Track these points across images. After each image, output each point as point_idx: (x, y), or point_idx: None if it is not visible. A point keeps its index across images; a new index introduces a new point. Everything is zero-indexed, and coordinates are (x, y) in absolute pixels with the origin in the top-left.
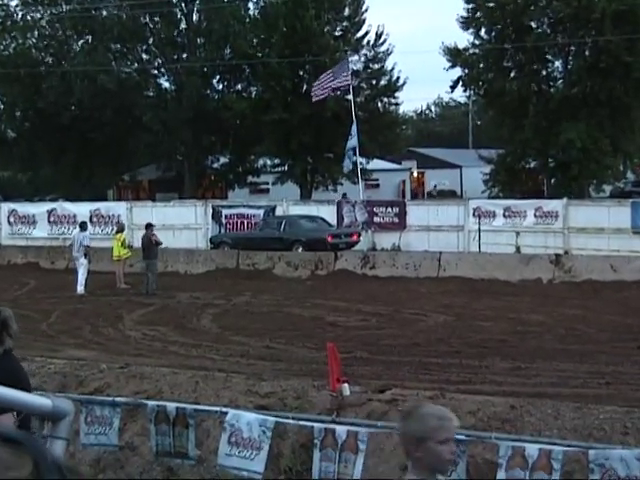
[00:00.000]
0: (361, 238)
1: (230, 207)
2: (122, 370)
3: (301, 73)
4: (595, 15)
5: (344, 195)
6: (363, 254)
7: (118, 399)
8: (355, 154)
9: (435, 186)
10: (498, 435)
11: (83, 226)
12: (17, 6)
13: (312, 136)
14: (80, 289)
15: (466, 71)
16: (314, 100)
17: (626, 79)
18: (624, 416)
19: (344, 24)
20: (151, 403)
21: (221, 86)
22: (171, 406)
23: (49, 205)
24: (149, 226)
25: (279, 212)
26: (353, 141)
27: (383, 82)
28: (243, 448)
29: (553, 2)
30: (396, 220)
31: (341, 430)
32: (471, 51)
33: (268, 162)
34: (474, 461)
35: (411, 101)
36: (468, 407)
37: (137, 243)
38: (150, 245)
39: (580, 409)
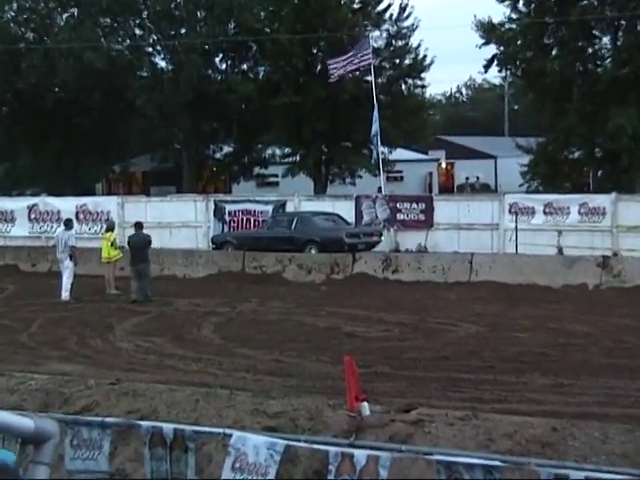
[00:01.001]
0: (382, 238)
1: (234, 202)
2: (112, 387)
3: (315, 51)
4: None
5: (379, 189)
6: (385, 256)
7: (108, 419)
8: (376, 142)
9: (467, 179)
10: (538, 461)
11: (68, 224)
12: None
13: (327, 122)
14: (65, 295)
15: (502, 49)
16: (331, 81)
17: None
18: None
19: None
20: (145, 424)
21: (224, 66)
22: (168, 427)
23: (29, 200)
24: (140, 225)
25: (290, 208)
26: (374, 128)
27: (407, 61)
28: (249, 474)
29: None
30: (422, 217)
31: (360, 455)
32: (507, 26)
33: (277, 152)
34: None
35: (439, 83)
36: (504, 429)
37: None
38: (145, 246)
39: (631, 432)
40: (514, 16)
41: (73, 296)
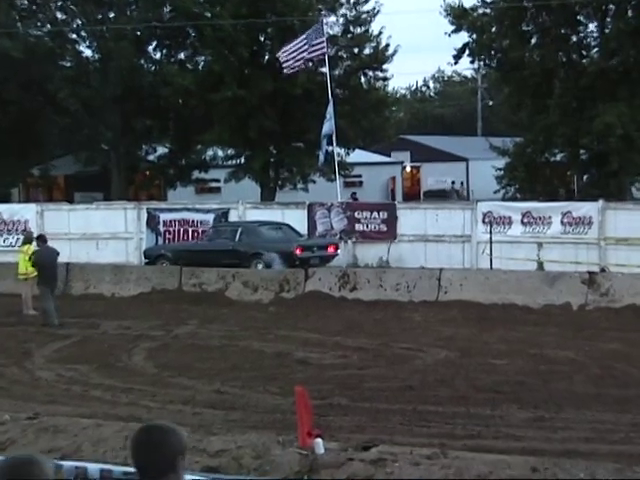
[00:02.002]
0: (339, 251)
1: (170, 211)
2: (30, 421)
3: (262, 39)
4: None
5: (353, 195)
6: (341, 272)
7: None
8: (331, 143)
9: (453, 183)
10: None
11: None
12: None
13: (276, 120)
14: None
15: (474, 37)
16: (286, 72)
17: None
18: None
19: None
20: (68, 464)
21: (159, 55)
22: (94, 468)
23: None
24: (44, 239)
25: (233, 217)
26: (329, 126)
27: (367, 51)
28: None
29: None
30: (384, 228)
31: None
32: (481, 11)
33: (219, 153)
34: None
35: (404, 75)
36: (477, 469)
37: None
38: (56, 262)
39: (622, 471)
40: (488, 0)
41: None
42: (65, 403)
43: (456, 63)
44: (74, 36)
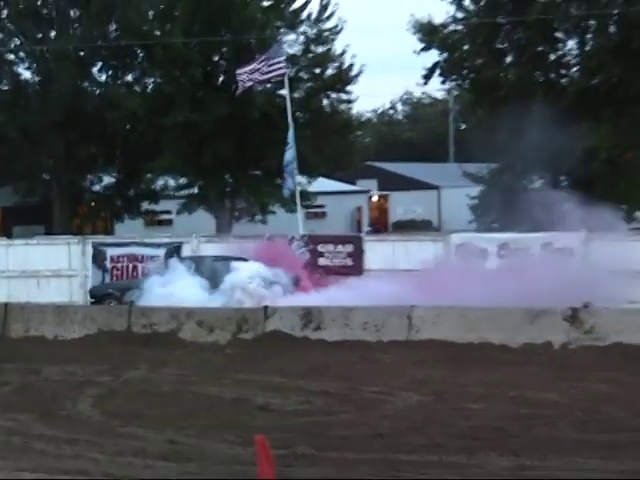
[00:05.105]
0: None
1: (118, 245)
2: None
3: (216, 58)
4: None
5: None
6: (304, 310)
7: None
8: (292, 171)
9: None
10: None
11: None
12: None
13: (233, 146)
14: None
15: (445, 55)
16: (240, 90)
17: None
18: None
19: None
20: None
21: (104, 76)
22: None
23: None
24: None
25: (187, 252)
26: (291, 154)
27: (330, 71)
28: None
29: None
30: (350, 262)
31: None
32: (452, 27)
33: (171, 182)
34: None
35: (370, 97)
36: None
37: None
38: None
39: None
40: (460, 15)
41: None
42: (4, 457)
43: (426, 84)
44: (12, 57)
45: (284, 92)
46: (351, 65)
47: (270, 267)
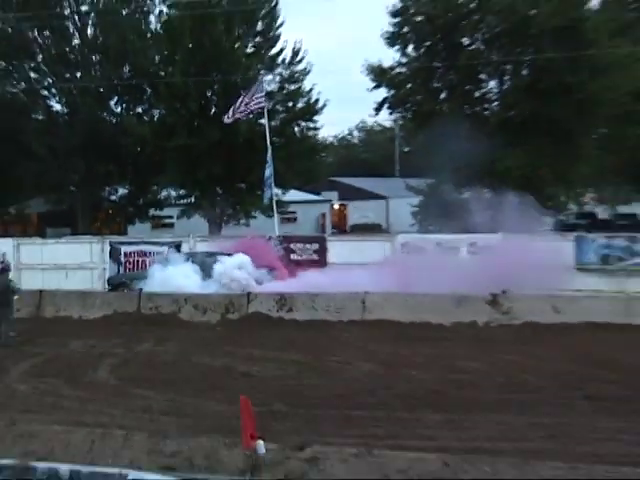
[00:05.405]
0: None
1: (130, 244)
2: (8, 428)
3: (209, 94)
4: (533, 31)
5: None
6: (279, 295)
7: (3, 462)
8: (270, 185)
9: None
10: None
11: None
12: None
13: (222, 165)
14: None
15: (392, 92)
16: (225, 122)
17: (568, 101)
18: (568, 472)
19: (257, 40)
20: (41, 466)
21: (119, 108)
22: (64, 469)
23: None
24: (4, 270)
25: (185, 249)
26: (270, 171)
27: (300, 104)
28: None
29: (487, 16)
30: (316, 257)
31: None
32: (397, 70)
33: (172, 193)
34: None
35: (332, 125)
36: (398, 465)
37: (25, 285)
38: (6, 292)
39: (521, 466)
40: (404, 60)
41: None
42: (39, 412)
43: (377, 114)
44: (45, 93)
45: (263, 121)
46: (317, 100)
47: (252, 260)
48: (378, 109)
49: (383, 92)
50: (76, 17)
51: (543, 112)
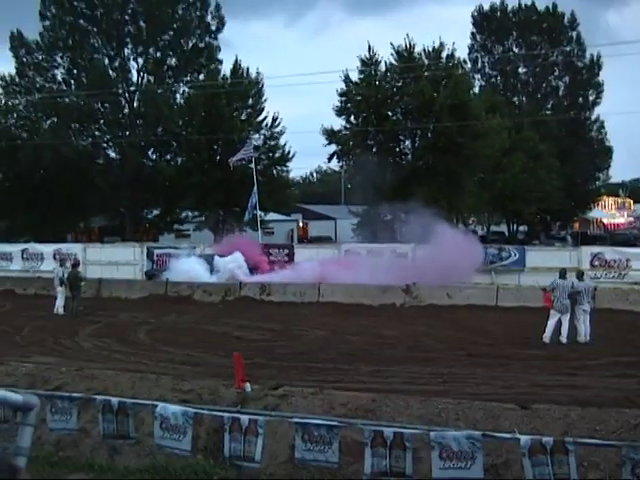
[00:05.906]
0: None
1: (160, 248)
2: (77, 372)
3: (215, 147)
4: (435, 107)
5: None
6: (261, 284)
7: (74, 394)
8: (256, 208)
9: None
10: (363, 421)
11: (63, 263)
12: (0, 94)
13: (223, 195)
14: (60, 310)
15: (339, 147)
16: (231, 166)
17: (458, 155)
18: (456, 406)
19: (248, 110)
20: (99, 398)
21: (154, 156)
22: (114, 400)
23: (22, 245)
24: (76, 265)
25: (198, 252)
26: (254, 199)
27: (277, 154)
28: (173, 432)
29: (404, 97)
30: (286, 258)
31: (244, 418)
32: (343, 132)
33: (190, 214)
34: (345, 441)
35: (299, 169)
36: (340, 400)
37: (89, 275)
38: (76, 280)
39: (424, 402)
40: (348, 125)
41: (65, 313)
42: (97, 361)
43: (329, 162)
44: (105, 145)
45: (252, 165)
46: (289, 151)
47: (242, 252)
48: (330, 158)
49: (334, 147)
50: (126, 94)
51: (441, 162)
